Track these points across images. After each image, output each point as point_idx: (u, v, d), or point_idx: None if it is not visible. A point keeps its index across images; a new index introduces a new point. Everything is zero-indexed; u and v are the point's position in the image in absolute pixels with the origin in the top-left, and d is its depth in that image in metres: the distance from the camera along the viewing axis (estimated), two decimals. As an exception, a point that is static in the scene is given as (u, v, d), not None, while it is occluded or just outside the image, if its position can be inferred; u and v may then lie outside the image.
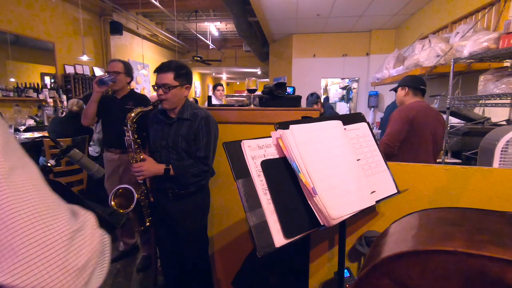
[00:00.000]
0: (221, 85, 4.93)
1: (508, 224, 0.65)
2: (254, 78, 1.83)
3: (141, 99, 2.33)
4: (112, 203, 1.53)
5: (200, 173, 1.59)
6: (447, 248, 0.54)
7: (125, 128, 1.54)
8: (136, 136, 1.57)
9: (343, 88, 7.92)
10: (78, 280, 0.38)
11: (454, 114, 2.71)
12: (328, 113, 3.86)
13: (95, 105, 2.20)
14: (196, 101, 7.16)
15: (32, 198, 0.36)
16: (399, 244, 0.65)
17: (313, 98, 3.84)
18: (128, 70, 2.30)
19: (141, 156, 1.57)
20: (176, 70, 1.54)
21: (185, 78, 1.58)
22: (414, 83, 2.25)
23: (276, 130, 0.92)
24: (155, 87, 1.57)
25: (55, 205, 0.39)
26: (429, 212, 0.78)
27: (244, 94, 2.27)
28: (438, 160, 2.67)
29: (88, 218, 0.44)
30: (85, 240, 0.41)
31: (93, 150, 3.11)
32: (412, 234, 0.68)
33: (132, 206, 1.51)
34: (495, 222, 0.66)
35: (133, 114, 1.55)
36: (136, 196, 1.54)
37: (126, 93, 2.32)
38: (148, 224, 1.72)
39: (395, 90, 2.40)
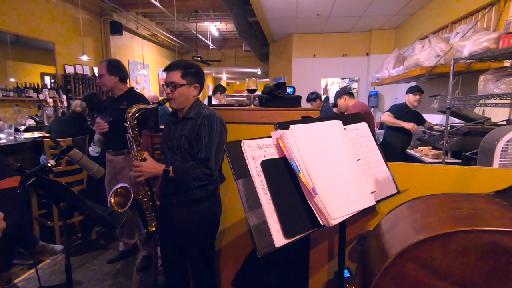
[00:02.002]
0: (223, 87, 4.97)
1: (489, 202, 0.75)
2: (254, 78, 1.83)
3: (137, 99, 2.22)
4: (112, 200, 1.50)
5: (201, 176, 1.48)
6: (465, 228, 0.62)
7: (126, 124, 1.50)
8: (137, 133, 1.51)
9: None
10: None
11: (454, 114, 2.71)
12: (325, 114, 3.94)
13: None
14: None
15: None
16: (414, 231, 0.72)
17: (313, 96, 4.16)
18: (111, 68, 2.19)
19: (143, 155, 1.51)
20: (184, 69, 1.50)
21: (194, 77, 1.53)
22: (346, 90, 2.90)
23: (276, 130, 0.92)
24: (164, 86, 1.54)
25: None
26: (422, 200, 0.84)
27: (244, 94, 2.26)
28: (437, 160, 2.67)
29: None
30: None
31: (93, 150, 3.12)
32: (421, 221, 0.75)
33: (128, 204, 1.47)
34: (479, 202, 0.76)
35: (134, 110, 1.48)
36: (132, 195, 1.50)
37: (122, 93, 2.28)
38: (153, 229, 1.63)
39: (335, 105, 3.18)
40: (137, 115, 1.51)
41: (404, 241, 0.67)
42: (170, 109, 1.63)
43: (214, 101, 4.47)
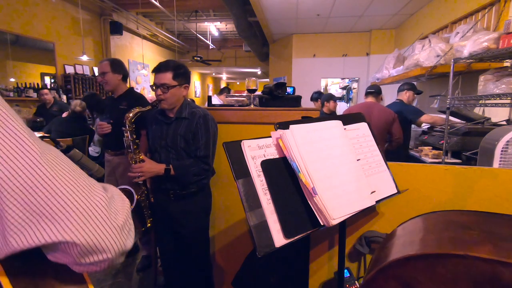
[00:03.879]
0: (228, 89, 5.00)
1: None
2: (254, 78, 1.83)
3: (136, 99, 2.24)
4: None
5: (200, 172, 1.58)
6: (458, 252, 0.53)
7: (124, 128, 1.53)
8: (134, 137, 1.55)
9: (343, 88, 7.91)
10: (120, 236, 0.45)
11: (454, 114, 2.71)
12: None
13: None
14: (193, 101, 7.16)
15: (68, 173, 0.42)
16: (406, 246, 0.64)
17: (317, 95, 4.23)
18: (115, 67, 2.19)
19: (140, 157, 1.55)
20: (174, 70, 1.53)
21: (183, 77, 1.57)
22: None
23: (276, 130, 0.92)
24: (153, 87, 1.56)
25: (87, 177, 0.45)
26: (437, 215, 0.77)
27: (244, 94, 2.26)
28: (437, 160, 2.67)
29: (114, 189, 0.51)
30: (118, 204, 0.48)
31: (93, 150, 3.12)
32: (420, 237, 0.67)
33: (132, 207, 1.49)
34: (502, 225, 0.65)
35: (131, 114, 1.52)
36: (136, 197, 1.52)
37: (122, 93, 2.26)
38: (149, 225, 1.69)
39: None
40: (133, 120, 1.54)
41: (392, 255, 0.61)
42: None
43: (217, 101, 4.50)
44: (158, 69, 1.54)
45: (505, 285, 0.49)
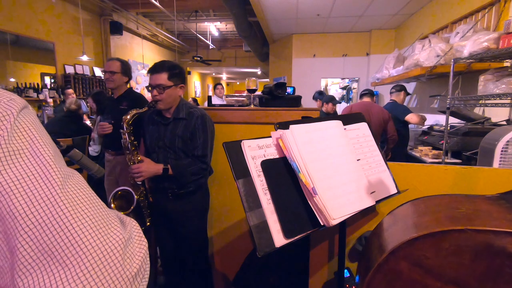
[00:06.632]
0: (220, 84, 5.19)
1: (491, 204, 0.75)
2: (254, 78, 1.83)
3: (136, 99, 2.29)
4: (112, 206, 1.52)
5: (199, 171, 1.60)
6: (458, 227, 0.62)
7: (122, 131, 1.55)
8: (132, 138, 1.57)
9: (343, 88, 7.91)
10: (132, 286, 0.41)
11: (454, 114, 2.71)
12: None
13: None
14: (195, 100, 7.20)
15: (86, 209, 0.39)
16: (409, 229, 0.71)
17: (317, 95, 4.38)
18: (125, 69, 2.26)
19: (139, 158, 1.57)
20: (169, 70, 1.55)
21: (178, 78, 1.59)
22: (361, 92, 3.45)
23: (276, 130, 0.92)
24: (149, 88, 1.57)
25: (106, 213, 0.42)
26: (422, 201, 0.85)
27: (244, 94, 2.27)
28: (437, 160, 2.67)
29: (133, 225, 0.47)
30: (134, 247, 0.43)
31: (93, 150, 3.12)
32: (417, 220, 0.74)
33: (132, 207, 1.50)
34: (481, 203, 0.75)
35: (128, 117, 1.55)
36: (136, 197, 1.53)
37: (122, 93, 2.29)
38: (148, 224, 1.71)
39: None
40: (130, 122, 1.57)
41: (398, 239, 0.67)
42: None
43: (216, 100, 4.54)
44: (154, 70, 1.55)
45: (497, 250, 0.59)
